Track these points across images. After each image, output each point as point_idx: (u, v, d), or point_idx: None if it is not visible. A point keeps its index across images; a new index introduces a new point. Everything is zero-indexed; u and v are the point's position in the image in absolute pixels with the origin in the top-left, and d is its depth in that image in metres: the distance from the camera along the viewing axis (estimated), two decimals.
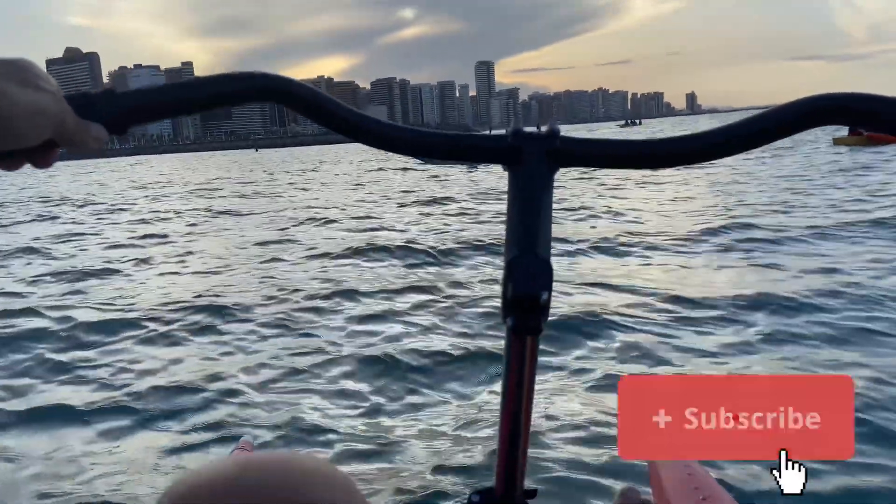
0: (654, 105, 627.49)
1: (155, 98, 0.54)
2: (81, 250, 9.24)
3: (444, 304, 5.18)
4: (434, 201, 13.55)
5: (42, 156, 0.51)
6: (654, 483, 1.01)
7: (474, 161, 0.58)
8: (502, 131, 0.61)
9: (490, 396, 3.41)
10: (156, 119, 0.55)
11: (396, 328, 4.62)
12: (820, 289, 4.85)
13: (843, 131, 24.22)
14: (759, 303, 4.65)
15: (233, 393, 3.60)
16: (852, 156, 18.24)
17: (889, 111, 0.50)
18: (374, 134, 0.56)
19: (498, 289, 0.51)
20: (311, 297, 5.70)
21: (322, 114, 0.56)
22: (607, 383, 3.45)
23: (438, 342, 4.30)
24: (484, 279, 6.12)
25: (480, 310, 4.96)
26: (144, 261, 8.21)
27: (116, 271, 7.68)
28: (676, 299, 4.81)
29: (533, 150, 0.54)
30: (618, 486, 2.21)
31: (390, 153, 0.59)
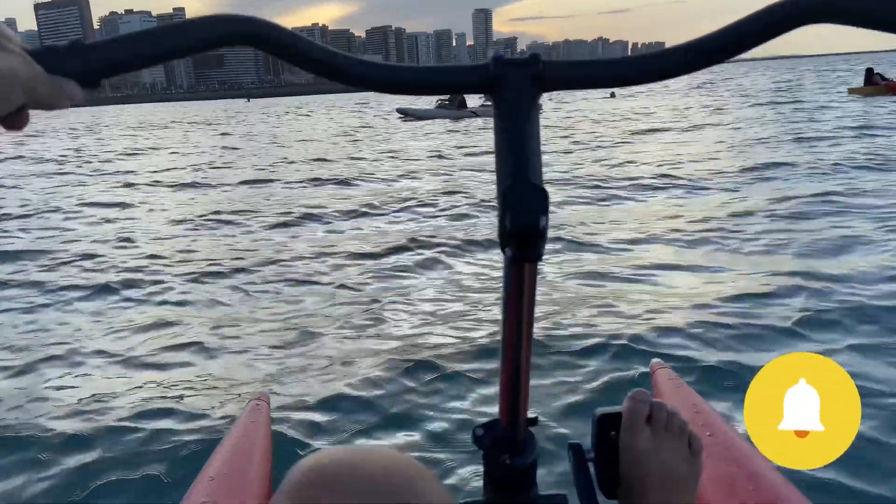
0: None
1: (127, 47, 0.51)
2: None
3: None
4: None
5: (15, 119, 0.48)
6: None
7: (457, 92, 0.57)
8: None
9: None
10: (129, 70, 0.52)
11: None
12: None
13: (859, 82, 23.94)
14: None
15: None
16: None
17: (878, 4, 0.47)
18: (351, 73, 0.54)
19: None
20: None
21: (298, 55, 0.54)
22: None
23: None
24: None
25: None
26: None
27: None
28: None
29: (516, 76, 0.53)
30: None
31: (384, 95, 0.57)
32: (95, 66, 0.50)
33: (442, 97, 24.35)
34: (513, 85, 0.53)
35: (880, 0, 0.47)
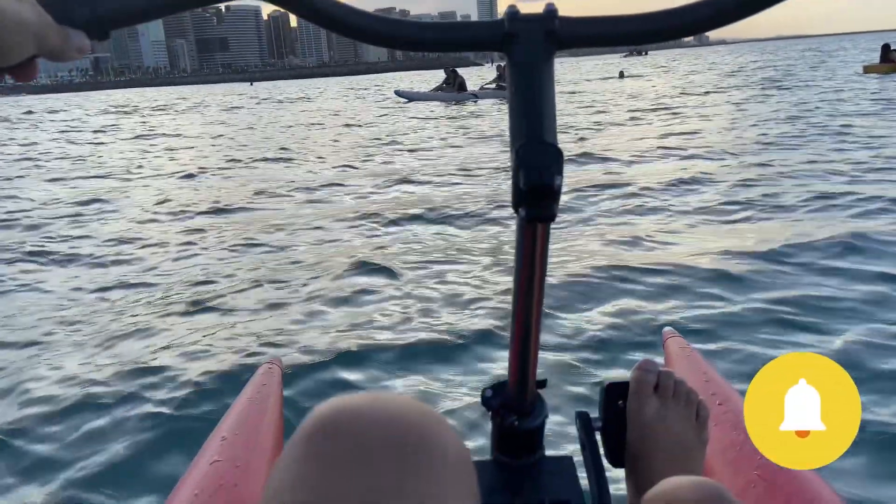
0: None
1: None
2: None
3: None
4: None
5: (26, 69, 0.48)
6: None
7: (472, 49, 0.56)
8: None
9: None
10: (139, 21, 0.51)
11: None
12: None
13: (875, 59, 23.58)
14: None
15: None
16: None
17: None
18: (363, 28, 0.53)
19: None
20: None
21: (309, 8, 0.52)
22: None
23: None
24: None
25: None
26: None
27: None
28: None
29: (530, 32, 0.52)
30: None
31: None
32: (104, 17, 0.49)
33: (443, 81, 24.26)
34: (527, 41, 0.51)
35: None
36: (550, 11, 0.52)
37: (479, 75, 45.73)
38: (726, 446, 0.98)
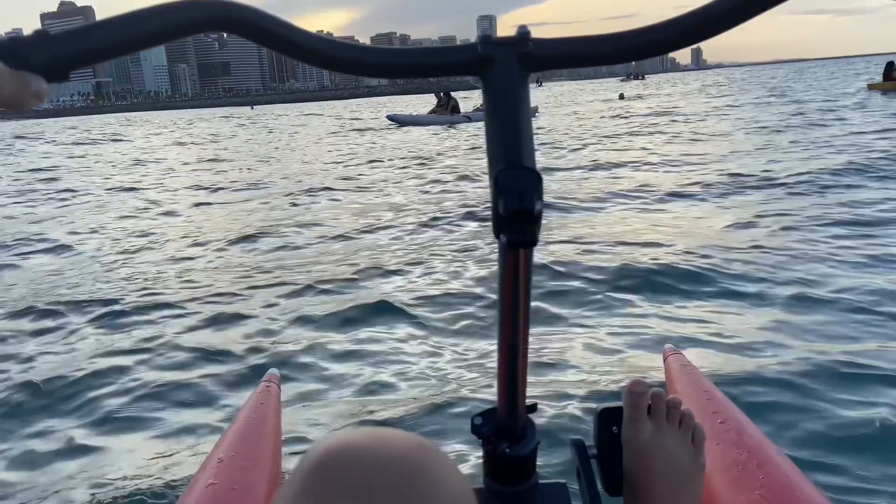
0: (658, 60, 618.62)
1: (97, 37, 0.47)
2: None
3: None
4: None
5: None
6: None
7: (446, 74, 0.54)
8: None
9: None
10: (100, 60, 0.48)
11: None
12: None
13: (878, 78, 23.88)
14: None
15: None
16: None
17: None
18: (339, 59, 0.52)
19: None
20: None
21: (280, 41, 0.51)
22: None
23: None
24: None
25: None
26: None
27: None
28: None
29: (504, 56, 0.51)
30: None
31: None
32: (63, 59, 0.46)
33: (436, 104, 24.32)
34: (501, 65, 0.51)
35: None
36: (523, 34, 0.52)
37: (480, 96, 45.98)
38: (728, 465, 0.96)
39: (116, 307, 4.40)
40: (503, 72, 0.51)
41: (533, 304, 0.61)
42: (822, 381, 2.69)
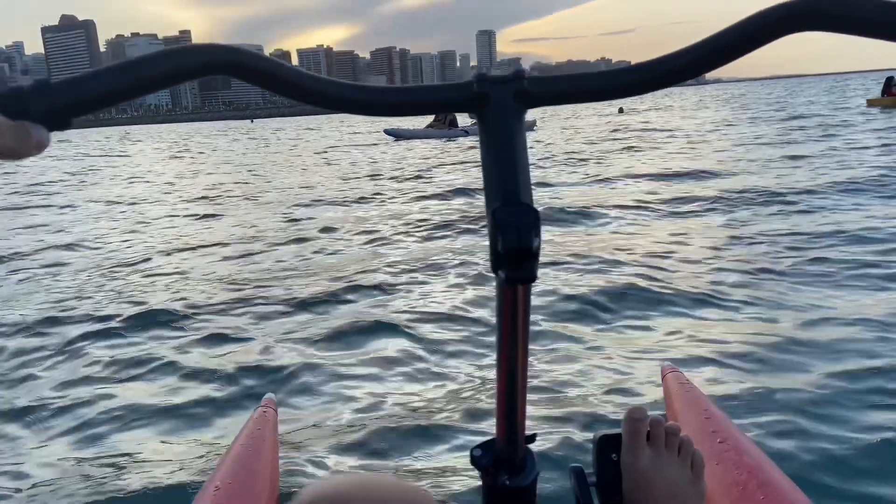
0: None
1: (96, 85, 0.48)
2: None
3: None
4: None
5: None
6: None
7: (442, 112, 0.56)
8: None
9: None
10: (101, 108, 0.49)
11: None
12: None
13: (876, 93, 23.93)
14: None
15: None
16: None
17: (864, 9, 0.46)
18: (335, 97, 0.53)
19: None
20: None
21: (276, 82, 0.52)
22: None
23: None
24: None
25: None
26: None
27: None
28: None
29: (500, 94, 0.52)
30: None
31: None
32: (64, 107, 0.47)
33: (433, 118, 24.32)
34: (497, 102, 0.52)
35: (861, 6, 0.46)
36: (519, 72, 0.53)
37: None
38: (728, 485, 0.95)
39: (105, 325, 4.39)
40: (499, 109, 0.52)
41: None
42: (826, 400, 2.68)
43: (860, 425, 2.49)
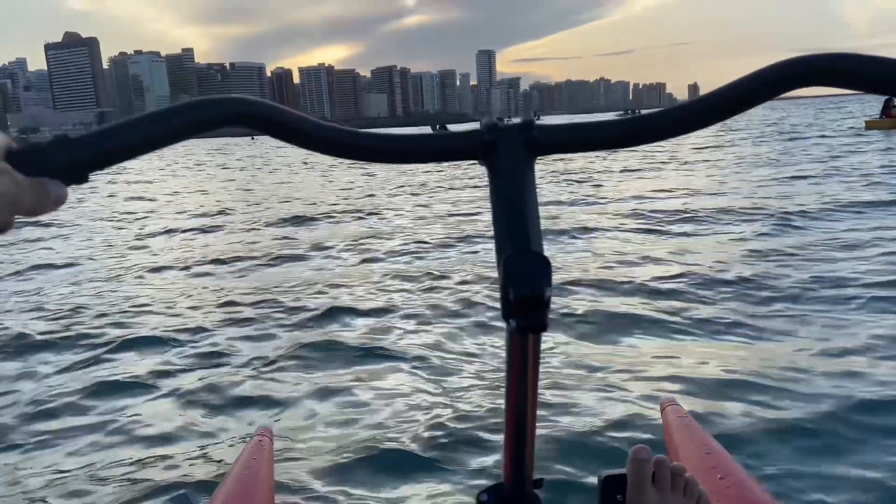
0: (655, 96, 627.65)
1: (117, 139, 0.48)
2: None
3: None
4: None
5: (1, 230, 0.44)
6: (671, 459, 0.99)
7: (450, 160, 0.56)
8: (505, 120, 0.60)
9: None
10: (120, 161, 0.49)
11: None
12: None
13: (875, 114, 23.90)
14: None
15: None
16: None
17: (876, 69, 0.47)
18: (343, 145, 0.53)
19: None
20: None
21: (293, 133, 0.53)
22: None
23: None
24: None
25: None
26: None
27: None
28: None
29: (509, 142, 0.52)
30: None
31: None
32: (83, 162, 0.47)
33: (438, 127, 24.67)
34: (507, 151, 0.52)
35: (875, 63, 0.47)
36: (527, 121, 0.53)
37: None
38: None
39: (96, 342, 4.36)
40: (508, 157, 0.52)
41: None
42: (828, 432, 2.64)
43: (864, 461, 2.45)
